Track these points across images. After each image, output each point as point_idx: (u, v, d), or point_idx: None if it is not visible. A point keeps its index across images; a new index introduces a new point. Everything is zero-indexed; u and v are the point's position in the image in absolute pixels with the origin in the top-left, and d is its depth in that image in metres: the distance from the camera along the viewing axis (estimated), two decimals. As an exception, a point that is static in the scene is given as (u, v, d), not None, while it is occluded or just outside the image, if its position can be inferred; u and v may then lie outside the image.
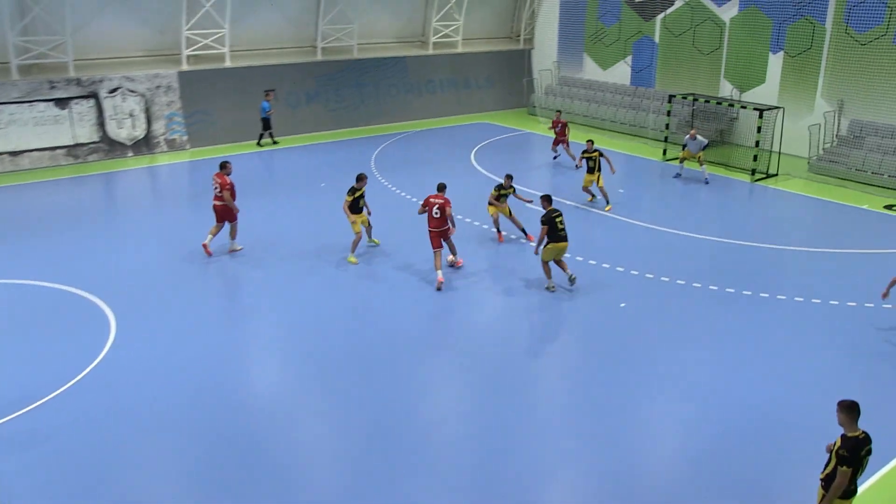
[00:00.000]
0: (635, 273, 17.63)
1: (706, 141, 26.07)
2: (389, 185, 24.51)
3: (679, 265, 18.20)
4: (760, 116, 26.81)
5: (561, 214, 16.21)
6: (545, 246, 16.17)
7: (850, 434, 8.20)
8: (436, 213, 16.66)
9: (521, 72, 39.55)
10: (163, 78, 29.00)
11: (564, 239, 16.14)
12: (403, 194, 23.33)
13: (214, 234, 18.42)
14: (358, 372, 13.25)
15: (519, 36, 40.46)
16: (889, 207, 23.47)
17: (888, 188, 25.34)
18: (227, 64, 30.58)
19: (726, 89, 31.69)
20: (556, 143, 28.42)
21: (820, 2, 28.25)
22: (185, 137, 29.69)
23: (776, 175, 27.03)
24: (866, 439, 8.24)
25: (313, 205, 22.45)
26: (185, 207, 22.63)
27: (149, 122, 28.85)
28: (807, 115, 29.02)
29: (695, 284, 17.06)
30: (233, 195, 17.96)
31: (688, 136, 26.20)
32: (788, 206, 23.93)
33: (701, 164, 26.07)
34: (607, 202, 22.64)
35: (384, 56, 34.96)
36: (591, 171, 22.52)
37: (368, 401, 12.38)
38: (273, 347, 14.27)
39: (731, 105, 28.68)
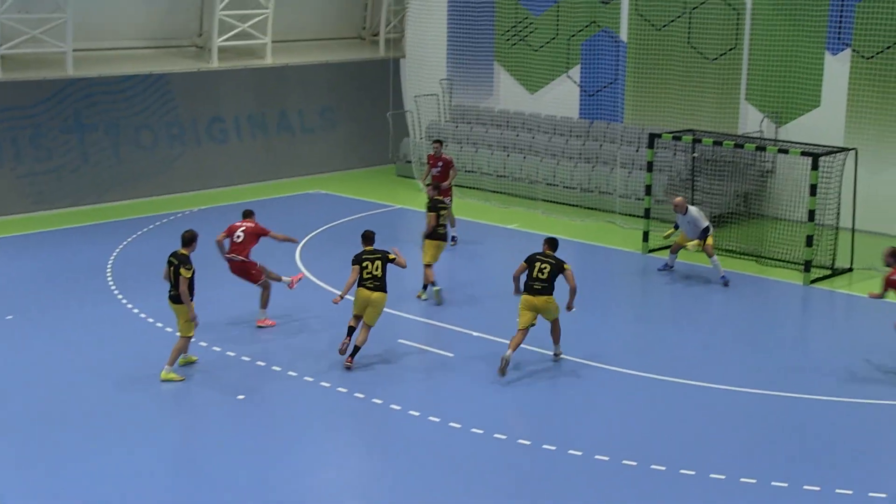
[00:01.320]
0: (603, 458, 17.39)
1: (705, 223, 26.01)
2: (136, 310, 24.47)
3: (683, 442, 18.22)
4: (815, 167, 26.85)
5: (548, 264, 20.53)
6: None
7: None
8: (237, 238, 22.58)
9: (384, 101, 39.55)
10: None
11: (537, 292, 20.54)
12: (160, 325, 23.20)
13: None
14: None
15: (377, 35, 40.65)
16: None
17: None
18: None
19: (752, 121, 32.17)
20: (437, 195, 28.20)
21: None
22: None
23: (850, 270, 27.47)
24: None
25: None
26: None
27: None
28: None
29: (714, 476, 16.87)
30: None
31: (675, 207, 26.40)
32: (877, 325, 23.89)
33: (710, 256, 26.08)
34: (423, 287, 25.33)
35: (128, 73, 34.48)
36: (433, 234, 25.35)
37: None
38: None
39: (762, 148, 28.84)
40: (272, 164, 37.56)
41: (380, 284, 20.95)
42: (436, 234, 25.06)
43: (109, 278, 26.44)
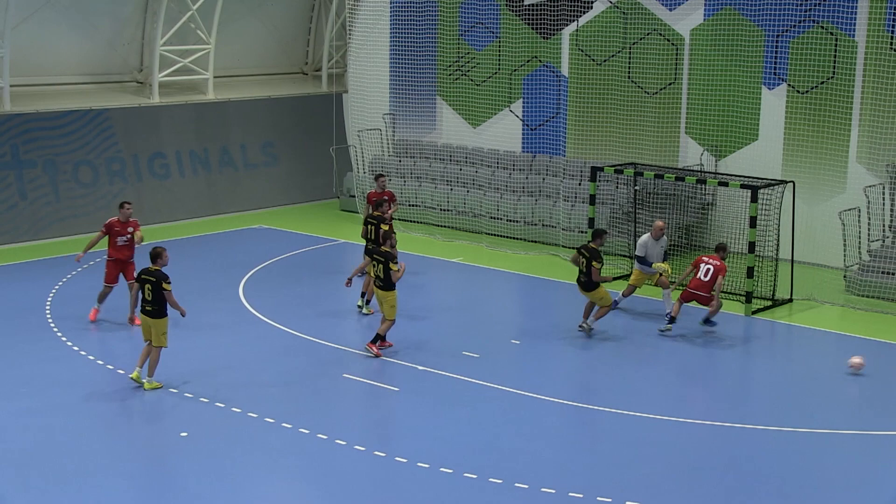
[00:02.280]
0: (550, 491, 17.35)
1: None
2: (77, 347, 23.99)
3: (628, 473, 18.24)
4: (754, 199, 27.10)
5: (585, 258, 24.05)
6: None
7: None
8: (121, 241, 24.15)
9: (327, 136, 39.51)
10: None
11: (582, 284, 24.47)
12: (111, 367, 22.87)
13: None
14: None
15: (319, 71, 40.73)
16: None
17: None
18: None
19: (692, 154, 32.44)
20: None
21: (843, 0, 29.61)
22: None
23: (790, 301, 27.88)
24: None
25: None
26: None
27: None
28: (836, 194, 29.96)
29: None
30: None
31: (646, 237, 26.46)
32: (815, 355, 24.64)
33: (666, 288, 26.25)
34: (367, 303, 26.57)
35: (67, 109, 34.14)
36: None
37: None
38: None
39: (703, 181, 29.19)
40: (214, 200, 37.27)
41: (384, 285, 22.77)
42: (366, 249, 26.22)
43: (49, 316, 25.91)
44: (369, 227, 26.45)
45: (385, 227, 26.04)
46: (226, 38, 37.90)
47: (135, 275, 22.56)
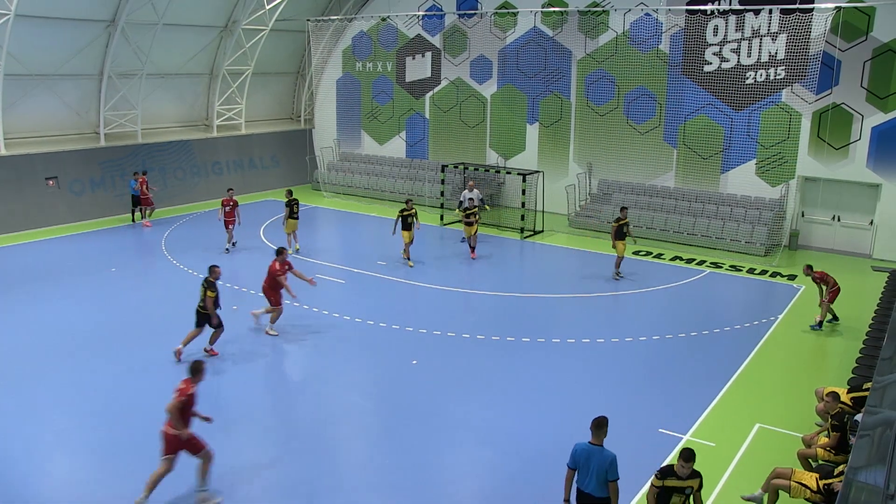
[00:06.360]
0: (423, 331, 17.57)
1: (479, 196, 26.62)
2: (182, 266, 23.10)
3: (464, 320, 18.39)
4: (524, 180, 28.09)
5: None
6: None
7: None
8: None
9: (304, 150, 39.17)
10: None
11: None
12: (197, 274, 21.91)
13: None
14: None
15: (300, 116, 40.20)
16: (636, 253, 25.10)
17: (633, 237, 27.23)
18: (2, 152, 27.90)
19: (492, 157, 32.96)
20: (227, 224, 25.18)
21: (564, 80, 30.32)
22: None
23: (542, 231, 28.10)
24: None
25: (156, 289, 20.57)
26: None
27: None
28: (563, 178, 30.62)
29: (479, 336, 17.25)
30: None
31: (465, 192, 25.56)
32: (555, 258, 24.75)
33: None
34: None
35: (169, 140, 33.16)
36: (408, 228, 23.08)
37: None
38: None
39: (498, 171, 29.79)
40: (245, 185, 36.14)
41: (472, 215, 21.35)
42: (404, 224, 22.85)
43: (164, 248, 24.42)
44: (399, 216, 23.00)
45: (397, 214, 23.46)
46: (251, 100, 37.28)
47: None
